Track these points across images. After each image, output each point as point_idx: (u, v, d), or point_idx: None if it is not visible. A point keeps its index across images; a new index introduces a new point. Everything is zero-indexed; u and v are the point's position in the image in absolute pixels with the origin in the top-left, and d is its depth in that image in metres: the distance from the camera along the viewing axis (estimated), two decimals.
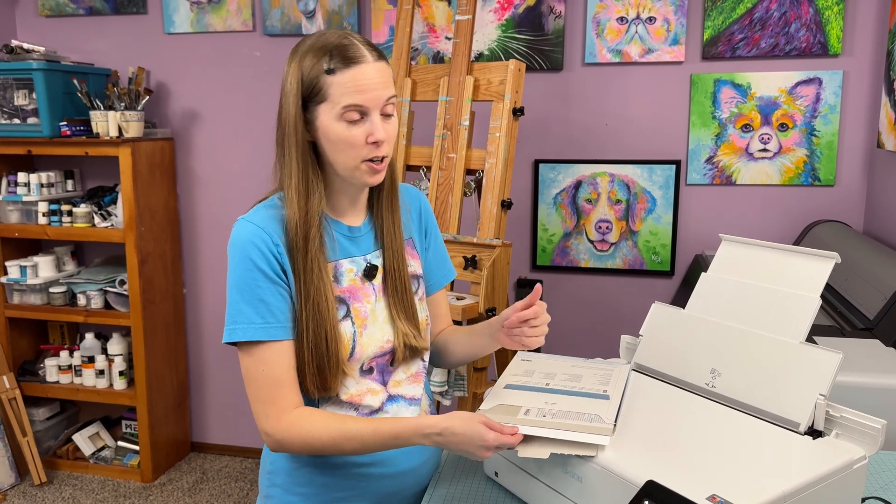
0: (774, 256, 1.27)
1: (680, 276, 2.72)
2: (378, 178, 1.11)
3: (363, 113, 1.07)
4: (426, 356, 1.24)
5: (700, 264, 2.53)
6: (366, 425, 1.06)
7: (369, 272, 1.18)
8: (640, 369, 1.32)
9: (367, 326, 1.15)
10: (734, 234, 1.36)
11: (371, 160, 1.09)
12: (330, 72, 1.05)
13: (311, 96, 1.07)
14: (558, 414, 1.08)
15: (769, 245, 1.28)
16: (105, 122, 2.78)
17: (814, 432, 1.08)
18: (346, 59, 1.06)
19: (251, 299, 1.06)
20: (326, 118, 1.07)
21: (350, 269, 1.16)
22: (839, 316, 1.83)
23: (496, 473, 1.19)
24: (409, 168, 2.20)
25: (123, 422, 3.14)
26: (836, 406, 1.08)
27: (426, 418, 1.05)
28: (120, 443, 3.10)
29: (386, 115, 1.10)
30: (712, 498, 0.91)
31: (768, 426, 1.11)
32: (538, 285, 1.19)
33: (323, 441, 1.06)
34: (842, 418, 1.07)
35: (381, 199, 1.20)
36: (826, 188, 2.56)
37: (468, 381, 1.95)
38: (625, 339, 1.42)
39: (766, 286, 1.24)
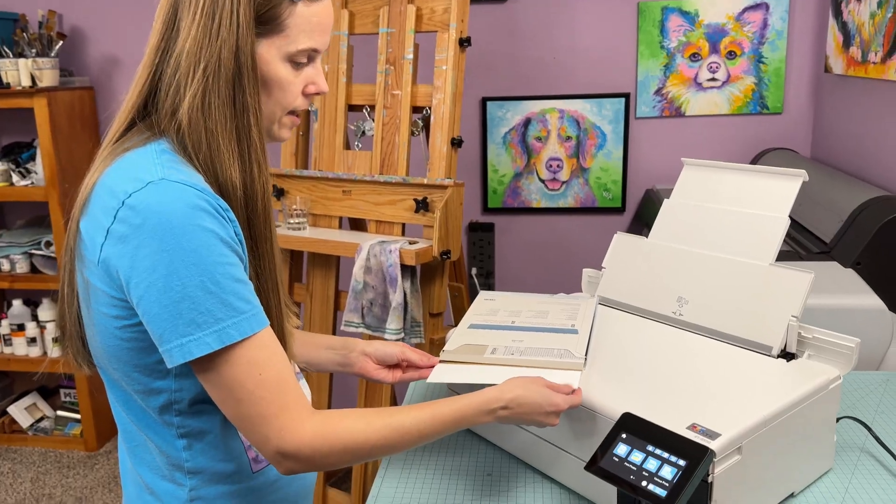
0: (739, 178, 1.22)
1: (631, 212, 2.70)
2: (290, 135, 0.93)
3: (311, 58, 0.87)
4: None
5: (651, 199, 2.50)
6: (420, 413, 0.86)
7: None
8: (605, 302, 1.27)
9: None
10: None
11: (296, 112, 0.90)
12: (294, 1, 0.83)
13: (258, 23, 0.82)
14: (527, 351, 1.02)
15: (733, 166, 1.23)
16: (15, 70, 2.55)
17: (787, 355, 1.05)
18: None
19: (226, 283, 0.76)
20: (272, 54, 0.83)
21: None
22: (794, 242, 1.82)
23: None
24: (351, 108, 2.08)
25: (62, 390, 2.99)
26: (808, 327, 1.05)
27: (485, 393, 0.89)
28: (59, 412, 2.96)
29: None
30: (693, 427, 0.87)
31: (740, 351, 1.07)
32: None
33: (372, 444, 0.82)
34: (814, 339, 1.04)
35: None
36: (774, 116, 2.55)
37: (424, 327, 1.89)
38: (587, 272, 1.37)
39: (731, 209, 1.19)
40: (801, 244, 1.80)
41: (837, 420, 1.03)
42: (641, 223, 2.60)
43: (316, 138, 2.09)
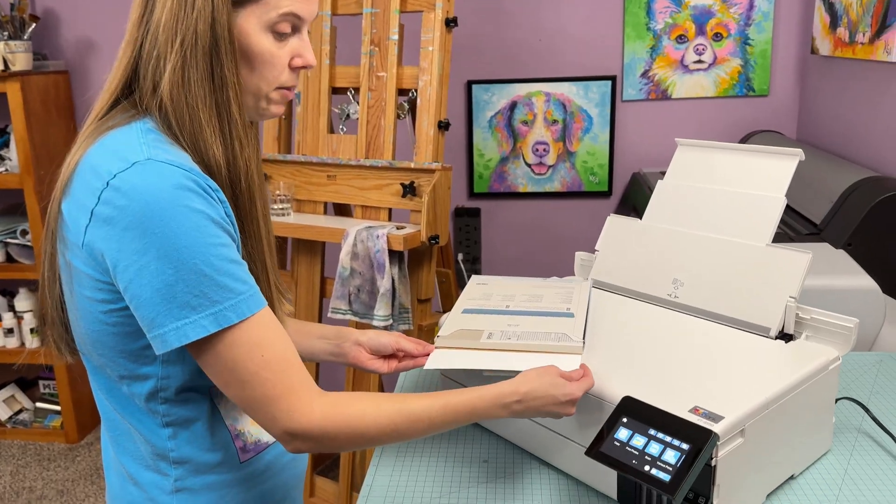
0: (734, 158, 1.20)
1: (618, 196, 2.69)
2: (282, 111, 0.89)
3: (295, 28, 0.83)
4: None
5: (638, 182, 2.49)
6: (432, 402, 0.83)
7: None
8: (599, 285, 1.26)
9: None
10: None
11: (287, 87, 0.85)
12: None
13: None
14: (523, 335, 0.99)
15: (728, 146, 1.21)
16: None
17: (785, 336, 1.04)
18: None
19: (221, 264, 0.73)
20: (252, 24, 0.79)
21: None
22: (783, 223, 1.81)
23: None
24: (334, 91, 2.03)
25: (41, 382, 2.93)
26: (806, 308, 1.04)
27: (500, 386, 0.86)
28: (38, 404, 2.90)
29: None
30: (695, 410, 0.85)
31: (738, 333, 1.06)
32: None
33: (380, 428, 0.80)
34: (812, 320, 1.03)
35: None
36: (760, 98, 2.54)
37: (413, 313, 1.86)
38: (579, 255, 1.35)
39: (726, 189, 1.18)
40: (790, 226, 1.79)
41: (837, 401, 1.02)
42: (628, 207, 2.59)
43: (299, 122, 2.05)
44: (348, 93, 2.00)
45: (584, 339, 0.99)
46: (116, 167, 0.73)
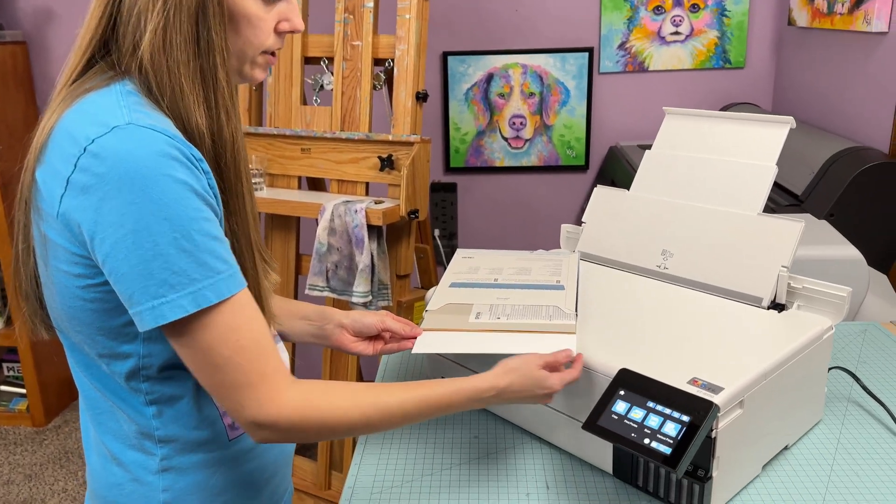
0: (723, 126, 1.18)
1: (595, 170, 2.67)
2: (264, 76, 0.84)
3: None
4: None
5: (616, 156, 2.47)
6: (407, 395, 0.80)
7: None
8: (586, 258, 1.23)
9: None
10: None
11: (272, 52, 0.81)
12: None
13: None
14: (515, 311, 0.97)
15: (717, 115, 1.19)
16: None
17: (777, 306, 1.03)
18: None
19: (202, 240, 0.69)
20: None
21: None
22: None
23: None
24: (307, 60, 1.97)
25: (4, 364, 2.84)
26: (798, 278, 1.02)
27: (477, 381, 0.83)
28: (3, 387, 2.81)
29: None
30: (693, 381, 0.83)
31: (730, 303, 1.04)
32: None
33: (352, 422, 0.77)
34: (804, 289, 1.02)
35: None
36: (736, 70, 2.54)
37: (392, 289, 1.83)
38: (565, 228, 1.33)
39: (716, 158, 1.16)
40: (771, 198, 1.79)
41: (829, 371, 1.02)
42: (606, 181, 2.57)
43: (270, 93, 1.98)
44: (322, 62, 1.94)
45: (576, 311, 0.97)
46: (94, 132, 0.68)
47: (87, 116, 0.70)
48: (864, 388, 1.06)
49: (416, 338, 0.97)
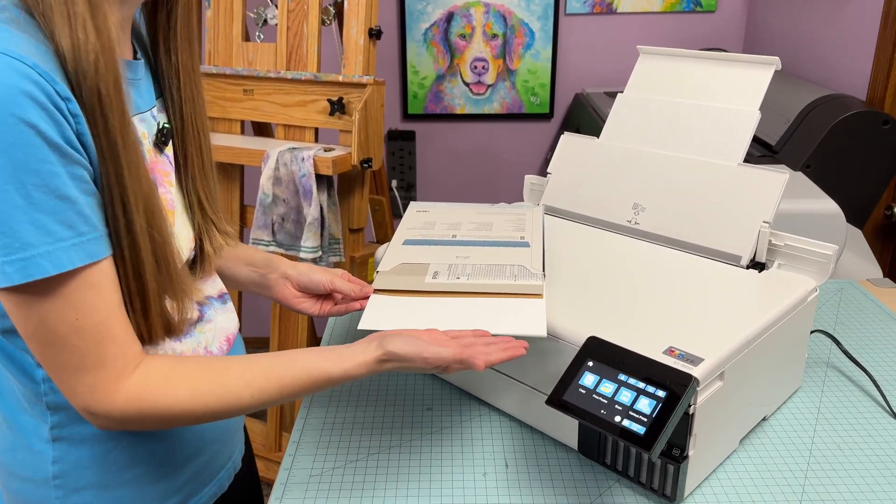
0: (702, 68, 1.08)
1: (559, 119, 2.55)
2: None
3: None
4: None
5: (581, 103, 2.36)
6: (266, 384, 0.70)
7: (162, 137, 0.75)
8: (551, 212, 1.13)
9: (176, 222, 0.76)
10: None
11: None
12: None
13: None
14: (475, 269, 0.86)
15: (695, 54, 1.09)
16: None
17: (756, 265, 0.94)
18: None
19: (42, 199, 0.58)
20: None
21: (143, 134, 0.73)
22: None
23: None
24: None
25: None
26: (780, 234, 0.94)
27: (360, 347, 0.73)
28: None
29: None
30: (669, 351, 0.75)
31: (706, 262, 0.96)
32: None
33: (195, 414, 0.68)
34: (786, 247, 0.94)
35: (173, 16, 0.75)
36: (707, 14, 2.43)
37: (344, 244, 1.71)
38: (529, 179, 1.22)
39: (693, 103, 1.06)
40: None
41: (811, 334, 0.94)
42: (571, 129, 2.46)
43: (209, 29, 1.81)
44: None
45: (543, 270, 0.87)
46: None
47: None
48: (846, 353, 1.00)
49: (366, 298, 0.86)
